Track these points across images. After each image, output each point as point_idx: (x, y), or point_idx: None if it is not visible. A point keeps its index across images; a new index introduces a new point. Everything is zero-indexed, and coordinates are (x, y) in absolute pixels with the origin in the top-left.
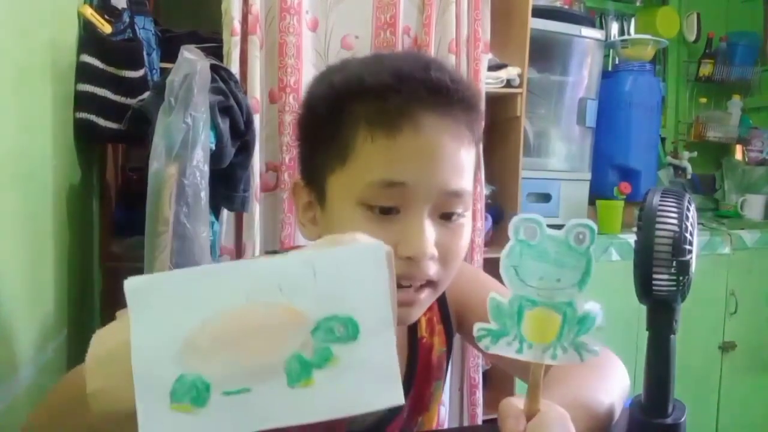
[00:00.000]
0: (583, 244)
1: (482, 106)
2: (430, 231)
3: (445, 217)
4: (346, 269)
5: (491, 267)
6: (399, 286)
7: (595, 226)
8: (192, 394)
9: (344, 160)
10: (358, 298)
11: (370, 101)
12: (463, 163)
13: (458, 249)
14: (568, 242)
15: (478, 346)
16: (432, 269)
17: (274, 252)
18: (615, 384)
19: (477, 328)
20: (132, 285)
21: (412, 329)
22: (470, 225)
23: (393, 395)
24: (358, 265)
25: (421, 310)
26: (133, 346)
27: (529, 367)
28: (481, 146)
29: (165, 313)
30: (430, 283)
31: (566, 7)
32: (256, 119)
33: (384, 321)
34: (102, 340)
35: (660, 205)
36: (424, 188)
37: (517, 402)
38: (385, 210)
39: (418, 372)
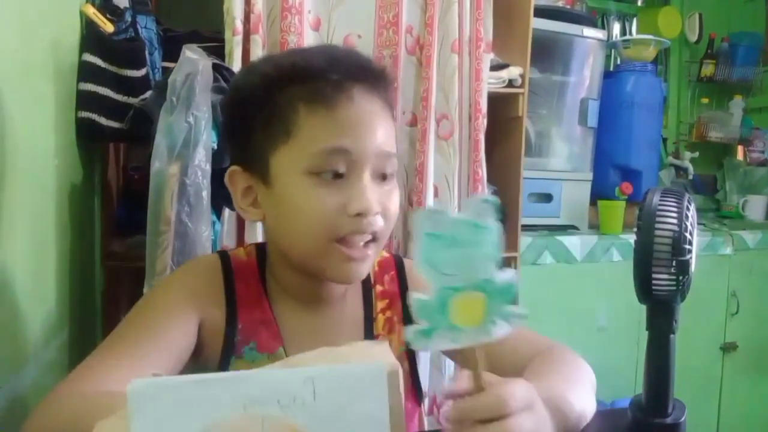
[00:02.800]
0: (487, 218)
1: (394, 84)
2: (373, 189)
3: (381, 177)
4: (346, 388)
5: None
6: (350, 243)
7: (494, 198)
8: None
9: (288, 137)
10: (358, 419)
11: (307, 82)
12: (390, 128)
13: (394, 206)
14: (473, 221)
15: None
16: (378, 224)
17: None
18: (586, 386)
19: (408, 332)
20: (134, 389)
21: (369, 328)
22: (398, 188)
23: None
24: (358, 386)
25: (369, 266)
26: None
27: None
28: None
29: (164, 420)
30: (374, 239)
31: (568, 7)
32: None
33: None
34: None
35: (660, 204)
36: (364, 152)
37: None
38: (332, 175)
39: None
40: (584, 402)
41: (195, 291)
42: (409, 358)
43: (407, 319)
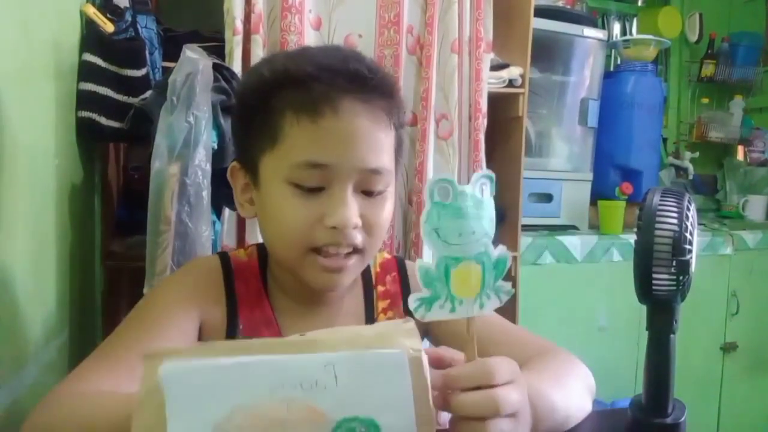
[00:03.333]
0: (485, 193)
1: (401, 93)
2: (352, 203)
3: (367, 193)
4: (367, 374)
5: None
6: (327, 254)
7: (493, 175)
8: None
9: (274, 143)
10: (381, 402)
11: (296, 89)
12: (381, 144)
13: (381, 220)
14: (475, 195)
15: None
16: (357, 238)
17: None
18: (576, 387)
19: (412, 299)
20: (167, 371)
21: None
22: (392, 199)
23: None
24: (380, 371)
25: (350, 277)
26: (170, 428)
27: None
28: (402, 131)
29: (197, 399)
30: (357, 251)
31: (568, 7)
32: None
33: (407, 427)
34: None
35: (660, 204)
36: (346, 167)
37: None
38: (312, 188)
39: None
40: (572, 402)
41: (195, 291)
42: None
43: None
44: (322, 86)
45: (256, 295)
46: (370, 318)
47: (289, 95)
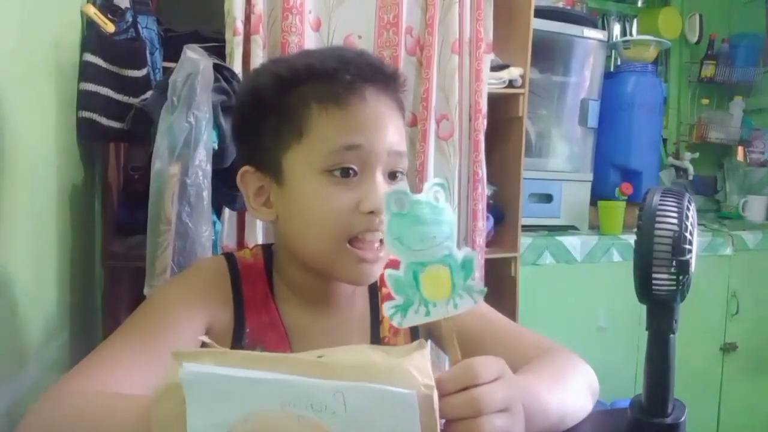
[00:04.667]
0: (440, 200)
1: (406, 85)
2: (384, 187)
3: (392, 176)
4: (377, 407)
5: (493, 266)
6: (362, 243)
7: (446, 183)
8: None
9: (300, 136)
10: None
11: (320, 83)
12: (401, 128)
13: None
14: (430, 202)
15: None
16: None
17: (269, 246)
18: (574, 388)
19: (386, 307)
20: (188, 374)
21: (376, 330)
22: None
23: None
24: (390, 407)
25: (380, 268)
26: (189, 426)
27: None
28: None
29: (213, 403)
30: None
31: (568, 7)
32: None
33: None
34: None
35: (660, 204)
36: (376, 149)
37: None
38: (346, 172)
39: None
40: (569, 403)
41: (203, 293)
42: None
43: None
44: (348, 76)
45: (262, 297)
46: (376, 320)
47: (312, 89)
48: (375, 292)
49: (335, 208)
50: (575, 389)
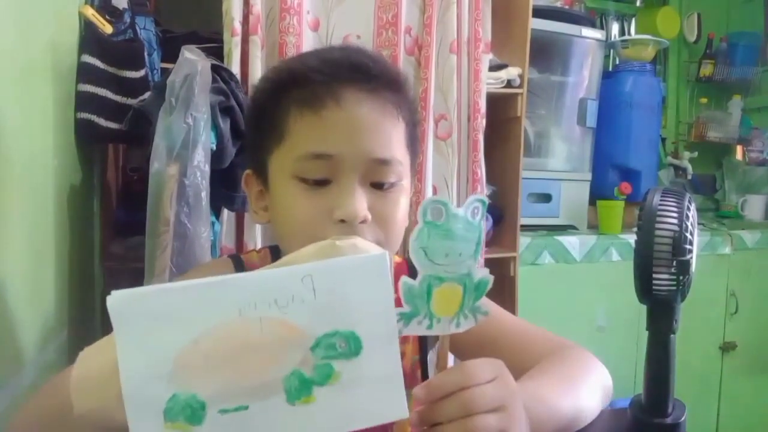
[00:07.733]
0: (476, 217)
1: (409, 87)
2: (360, 195)
3: (377, 186)
4: (346, 282)
5: (492, 267)
6: None
7: (486, 200)
8: (186, 413)
9: (280, 141)
10: (361, 312)
11: (299, 85)
12: (388, 134)
13: (393, 213)
14: (467, 218)
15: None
16: (368, 233)
17: (277, 248)
18: (584, 388)
19: None
20: (115, 302)
21: None
22: (408, 193)
23: (397, 409)
24: (360, 277)
25: None
26: (121, 367)
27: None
28: (416, 128)
29: (152, 331)
30: None
31: (567, 7)
32: None
33: (388, 335)
34: (88, 360)
35: (660, 204)
36: (351, 158)
37: None
38: (318, 181)
39: None
40: (579, 404)
41: None
42: (422, 366)
43: None
44: (323, 78)
45: None
46: None
47: (293, 92)
48: None
49: (305, 214)
50: (587, 390)
